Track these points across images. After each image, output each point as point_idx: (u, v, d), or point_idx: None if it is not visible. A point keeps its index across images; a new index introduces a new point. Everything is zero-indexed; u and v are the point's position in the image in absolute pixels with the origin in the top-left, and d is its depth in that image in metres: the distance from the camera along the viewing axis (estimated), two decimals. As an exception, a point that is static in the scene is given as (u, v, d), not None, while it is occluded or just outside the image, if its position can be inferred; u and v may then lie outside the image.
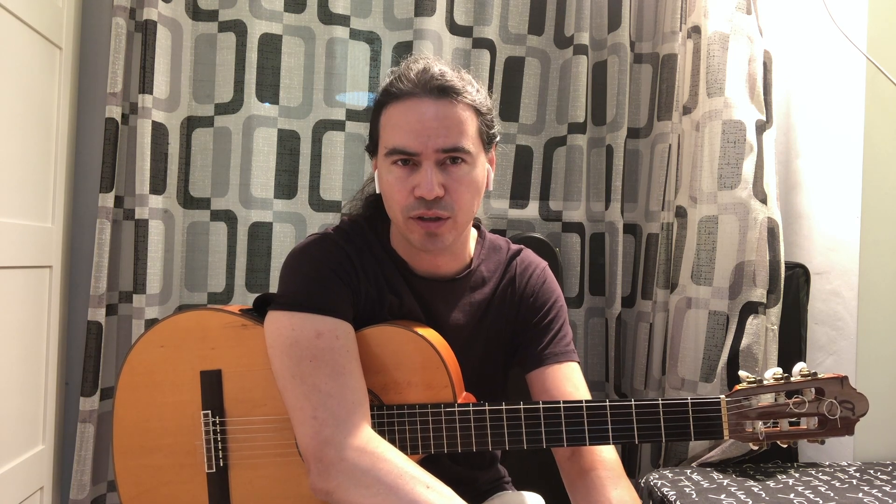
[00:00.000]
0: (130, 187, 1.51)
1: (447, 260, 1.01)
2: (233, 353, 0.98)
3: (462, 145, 0.90)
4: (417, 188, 0.90)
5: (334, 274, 0.94)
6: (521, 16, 1.73)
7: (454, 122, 0.90)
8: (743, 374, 0.91)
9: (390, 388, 0.94)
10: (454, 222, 0.93)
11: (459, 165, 0.92)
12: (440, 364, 0.93)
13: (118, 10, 1.46)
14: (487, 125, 0.97)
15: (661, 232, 1.67)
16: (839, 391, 0.88)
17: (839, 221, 1.60)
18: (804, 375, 0.89)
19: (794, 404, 0.88)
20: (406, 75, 0.93)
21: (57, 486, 1.48)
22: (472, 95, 0.94)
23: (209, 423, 0.98)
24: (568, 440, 0.89)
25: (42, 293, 1.41)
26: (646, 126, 1.76)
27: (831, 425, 0.88)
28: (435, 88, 0.91)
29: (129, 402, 0.99)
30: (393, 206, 0.94)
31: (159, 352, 1.00)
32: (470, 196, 0.93)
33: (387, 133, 0.93)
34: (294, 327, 0.90)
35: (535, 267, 1.08)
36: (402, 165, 0.91)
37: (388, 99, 0.93)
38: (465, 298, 1.03)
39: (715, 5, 1.56)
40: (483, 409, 0.91)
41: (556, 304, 1.07)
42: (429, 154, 0.89)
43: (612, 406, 0.89)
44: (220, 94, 1.58)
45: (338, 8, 1.61)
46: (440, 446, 0.91)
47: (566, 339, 1.05)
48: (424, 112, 0.90)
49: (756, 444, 0.90)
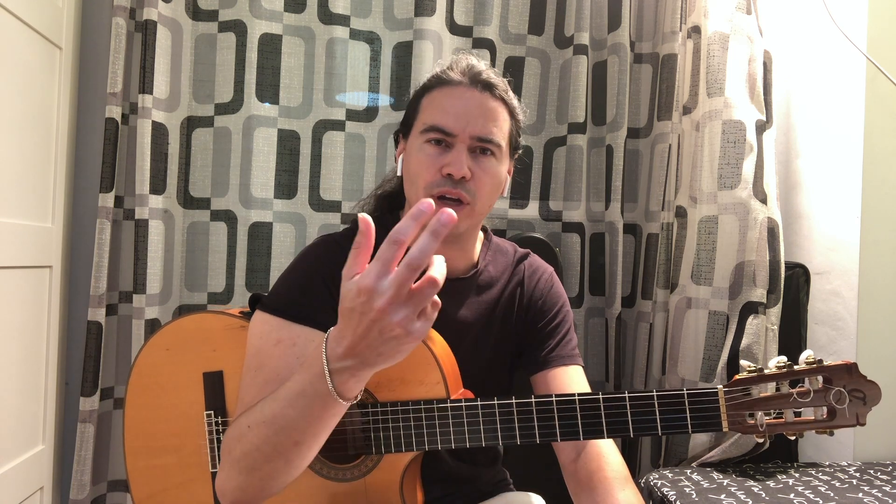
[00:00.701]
0: (130, 187, 1.51)
1: (455, 255, 1.03)
2: (234, 354, 1.00)
3: (495, 138, 0.96)
4: (447, 166, 0.93)
5: (323, 282, 0.96)
6: (521, 16, 1.73)
7: (493, 114, 0.97)
8: (744, 364, 0.86)
9: (383, 385, 0.94)
10: (472, 209, 0.96)
11: (488, 157, 0.97)
12: (432, 360, 0.93)
13: (118, 10, 1.46)
14: (517, 132, 1.03)
15: (661, 232, 1.67)
16: (848, 379, 0.81)
17: (839, 221, 1.60)
18: (809, 363, 0.83)
19: (799, 394, 0.82)
20: (455, 67, 1.00)
21: (57, 486, 1.48)
22: (511, 99, 1.01)
23: (212, 423, 0.99)
24: (561, 434, 0.88)
25: (42, 293, 1.41)
26: (646, 126, 1.76)
27: (840, 415, 0.81)
28: (481, 82, 0.97)
29: (137, 404, 1.03)
30: (418, 182, 0.96)
31: (165, 354, 1.02)
32: (491, 188, 0.98)
33: (427, 112, 0.98)
34: (262, 335, 0.94)
35: (543, 272, 1.11)
36: (435, 145, 0.96)
37: (436, 84, 0.99)
38: (472, 298, 1.04)
39: (715, 5, 1.56)
40: (475, 405, 0.90)
41: (563, 308, 1.09)
42: (464, 138, 0.94)
43: (606, 399, 0.87)
44: (220, 94, 1.58)
45: (338, 8, 1.61)
46: (434, 442, 0.91)
47: (571, 343, 1.06)
48: (469, 98, 0.96)
49: (759, 436, 0.83)
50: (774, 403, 0.83)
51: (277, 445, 0.79)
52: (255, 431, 0.80)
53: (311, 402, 0.75)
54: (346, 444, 0.96)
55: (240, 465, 0.82)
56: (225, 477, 0.84)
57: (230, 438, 0.85)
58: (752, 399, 0.83)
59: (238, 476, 0.83)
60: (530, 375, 1.04)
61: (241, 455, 0.82)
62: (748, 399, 0.83)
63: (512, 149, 1.02)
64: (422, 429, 0.91)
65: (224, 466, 0.85)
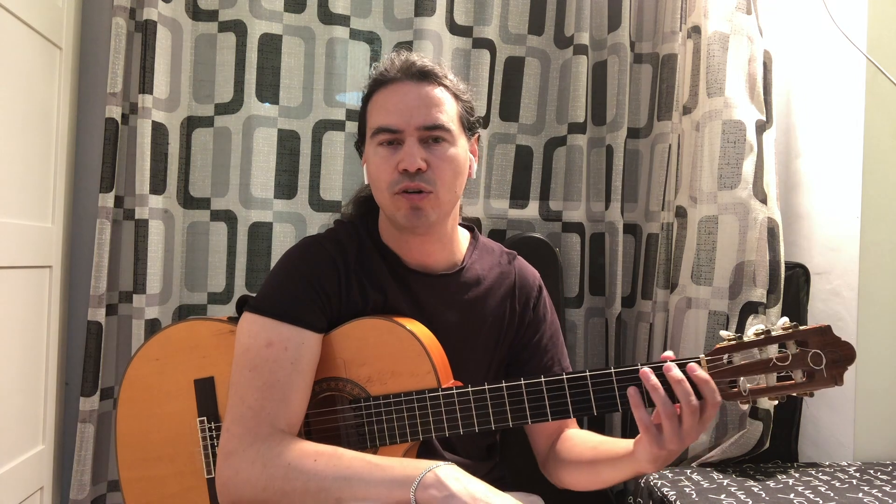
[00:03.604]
0: (130, 187, 1.51)
1: (437, 249, 1.04)
2: (223, 359, 1.00)
3: (442, 123, 0.97)
4: (401, 162, 0.95)
5: (308, 283, 0.97)
6: (521, 16, 1.73)
7: (434, 101, 0.97)
8: (724, 333, 0.89)
9: (375, 379, 0.95)
10: (436, 198, 0.96)
11: (441, 144, 0.97)
12: (422, 351, 0.94)
13: (118, 10, 1.46)
14: (467, 112, 1.03)
15: (661, 232, 1.67)
16: (822, 341, 0.85)
17: (839, 221, 1.60)
18: (785, 329, 0.86)
19: (778, 359, 0.85)
20: (391, 65, 1.00)
21: (57, 486, 1.48)
22: (452, 81, 1.02)
23: (205, 429, 1.00)
24: (552, 413, 0.91)
25: (42, 293, 1.41)
26: (646, 126, 1.76)
27: (818, 376, 0.84)
28: (416, 73, 0.98)
29: (129, 415, 1.03)
30: (380, 185, 0.97)
31: (154, 364, 1.03)
32: (452, 173, 0.98)
33: (373, 116, 0.99)
34: (251, 334, 0.94)
35: (533, 278, 1.15)
36: (386, 146, 0.97)
37: (375, 87, 1.00)
38: (458, 296, 1.05)
39: (715, 5, 1.55)
40: (466, 391, 0.93)
41: (553, 315, 1.14)
42: (411, 131, 0.95)
43: (593, 376, 0.89)
44: (220, 94, 1.58)
45: (338, 8, 1.61)
46: (428, 431, 0.93)
47: (564, 352, 1.14)
48: (407, 93, 0.97)
49: (742, 402, 0.87)
50: (756, 368, 0.86)
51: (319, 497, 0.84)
52: (312, 479, 0.85)
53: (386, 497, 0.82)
54: (340, 440, 0.97)
55: (277, 484, 0.86)
56: (250, 473, 0.87)
57: (295, 458, 0.87)
58: (735, 366, 0.87)
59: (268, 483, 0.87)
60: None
61: (284, 482, 0.86)
62: (731, 367, 0.87)
63: (466, 129, 1.02)
64: (415, 419, 0.93)
65: (257, 464, 0.87)
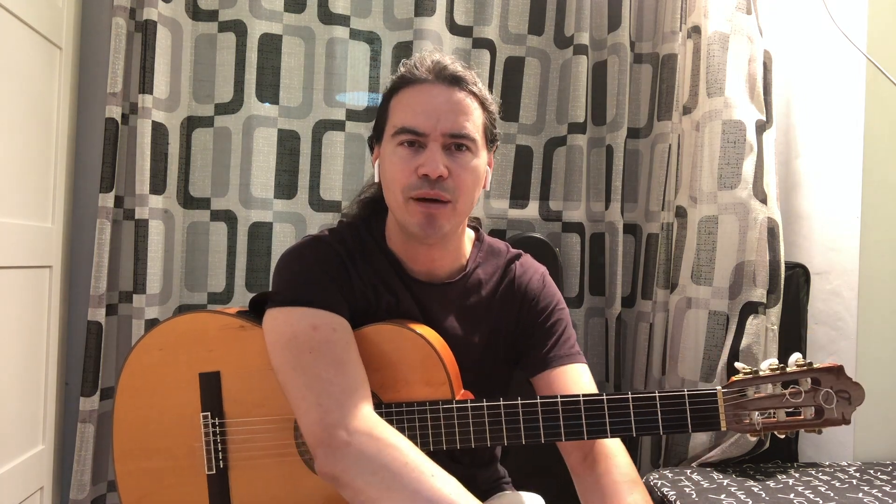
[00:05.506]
0: (130, 187, 1.51)
1: (442, 256, 1.02)
2: (231, 354, 0.98)
3: (468, 132, 0.94)
4: (422, 167, 0.92)
5: (325, 274, 0.95)
6: (521, 16, 1.73)
7: (463, 109, 0.94)
8: (739, 366, 0.91)
9: (389, 386, 0.94)
10: (454, 208, 0.94)
11: (464, 153, 0.94)
12: (438, 361, 0.93)
13: (118, 10, 1.46)
14: (492, 123, 1.00)
15: (661, 232, 1.67)
16: (835, 381, 0.88)
17: (839, 221, 1.60)
18: (800, 366, 0.89)
19: (791, 395, 0.88)
20: (420, 65, 0.97)
21: (57, 487, 1.48)
22: (481, 90, 0.99)
23: (209, 424, 0.98)
24: (566, 434, 0.89)
25: (42, 293, 1.41)
26: (646, 126, 1.76)
27: (828, 415, 0.88)
28: (448, 77, 0.95)
29: (128, 405, 1.00)
30: (394, 187, 0.95)
31: (158, 354, 1.00)
32: (472, 184, 0.96)
33: (397, 114, 0.96)
34: (291, 322, 0.91)
35: (535, 272, 1.09)
36: (407, 147, 0.94)
37: (402, 84, 0.97)
38: (460, 302, 1.03)
39: (715, 5, 1.55)
40: (481, 406, 0.91)
41: (558, 307, 1.07)
42: (436, 136, 0.92)
43: (610, 399, 0.89)
44: (220, 94, 1.58)
45: (338, 8, 1.61)
46: (439, 443, 0.91)
47: (570, 341, 1.05)
48: (436, 96, 0.94)
49: (754, 434, 0.89)
50: (768, 403, 0.89)
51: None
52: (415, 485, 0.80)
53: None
54: None
55: (378, 476, 0.82)
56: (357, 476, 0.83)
57: (400, 452, 0.82)
58: (748, 399, 0.89)
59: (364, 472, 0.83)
60: (531, 377, 1.03)
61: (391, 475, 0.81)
62: (744, 399, 0.89)
63: (488, 141, 1.00)
64: (427, 430, 0.92)
65: (364, 463, 0.82)
